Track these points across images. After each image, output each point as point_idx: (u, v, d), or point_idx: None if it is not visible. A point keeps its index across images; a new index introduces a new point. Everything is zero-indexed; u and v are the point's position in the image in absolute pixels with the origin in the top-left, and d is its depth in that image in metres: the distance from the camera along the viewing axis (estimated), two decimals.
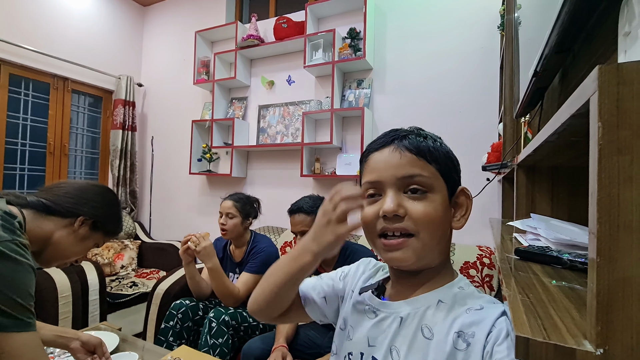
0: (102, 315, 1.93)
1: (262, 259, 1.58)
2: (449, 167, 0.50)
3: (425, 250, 0.48)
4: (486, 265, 1.66)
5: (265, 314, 0.60)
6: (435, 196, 0.48)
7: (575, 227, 0.65)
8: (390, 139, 0.51)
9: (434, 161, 0.49)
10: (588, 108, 0.26)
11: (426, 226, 0.47)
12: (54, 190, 0.86)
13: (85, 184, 0.91)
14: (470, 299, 0.49)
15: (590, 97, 0.25)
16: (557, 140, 0.45)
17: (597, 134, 0.23)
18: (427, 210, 0.47)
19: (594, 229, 0.24)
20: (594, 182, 0.24)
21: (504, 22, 1.62)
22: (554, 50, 0.67)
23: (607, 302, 0.23)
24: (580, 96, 0.27)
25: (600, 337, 0.23)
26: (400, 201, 0.48)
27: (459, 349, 0.44)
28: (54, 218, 0.82)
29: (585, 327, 0.26)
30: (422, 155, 0.49)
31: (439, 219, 0.48)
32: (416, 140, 0.50)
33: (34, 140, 2.62)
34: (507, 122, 1.36)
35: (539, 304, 0.33)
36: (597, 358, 0.23)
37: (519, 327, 0.26)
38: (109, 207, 0.92)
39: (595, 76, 0.24)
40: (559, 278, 0.43)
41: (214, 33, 2.78)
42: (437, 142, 0.51)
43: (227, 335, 1.38)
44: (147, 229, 3.08)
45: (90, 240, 0.89)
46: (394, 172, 0.48)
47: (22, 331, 0.64)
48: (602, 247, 0.23)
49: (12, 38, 2.38)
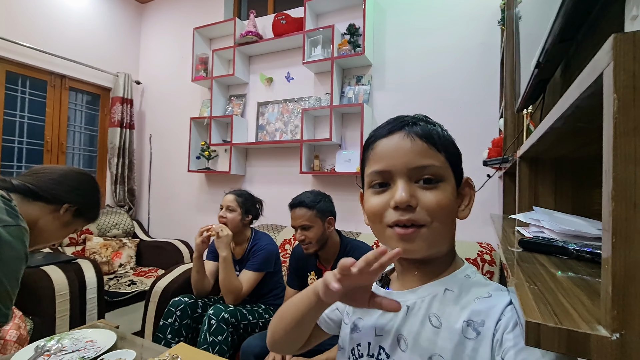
0: (100, 313, 1.91)
1: (263, 256, 1.57)
2: (456, 156, 0.50)
3: (436, 240, 0.47)
4: (487, 262, 1.65)
5: (285, 351, 0.61)
6: (447, 185, 0.47)
7: (580, 220, 0.64)
8: (400, 124, 0.49)
9: (444, 150, 0.48)
10: (601, 84, 0.25)
11: (439, 216, 0.46)
12: (38, 176, 0.86)
13: (69, 170, 0.91)
14: (477, 287, 0.48)
15: (604, 70, 0.23)
16: (563, 126, 0.44)
17: (612, 107, 0.22)
18: (440, 200, 0.46)
19: (608, 208, 0.23)
20: (609, 159, 0.23)
21: (504, 17, 1.61)
22: (557, 40, 0.65)
23: (623, 285, 0.22)
24: (592, 71, 0.26)
25: (616, 322, 0.22)
26: (413, 191, 0.46)
27: (469, 337, 0.43)
28: (40, 204, 0.83)
29: (598, 314, 0.25)
30: (433, 143, 0.47)
31: (450, 208, 0.47)
32: (428, 128, 0.48)
33: (31, 138, 2.60)
34: (508, 117, 1.34)
35: (548, 292, 0.31)
36: (613, 343, 0.22)
37: (529, 313, 0.25)
38: (91, 195, 0.93)
39: (610, 46, 0.23)
40: (566, 268, 0.42)
41: (212, 30, 2.76)
42: (444, 130, 0.51)
43: (226, 333, 1.36)
44: (146, 227, 3.06)
45: (72, 226, 0.90)
46: (406, 161, 0.46)
47: None
48: (618, 227, 0.22)
49: (9, 35, 2.36)
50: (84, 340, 1.17)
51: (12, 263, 0.64)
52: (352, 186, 2.25)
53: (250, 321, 1.48)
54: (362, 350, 0.53)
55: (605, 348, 0.22)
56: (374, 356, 0.51)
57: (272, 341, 0.59)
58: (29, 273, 1.67)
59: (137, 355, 1.08)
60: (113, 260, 2.48)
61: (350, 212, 2.17)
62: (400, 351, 0.48)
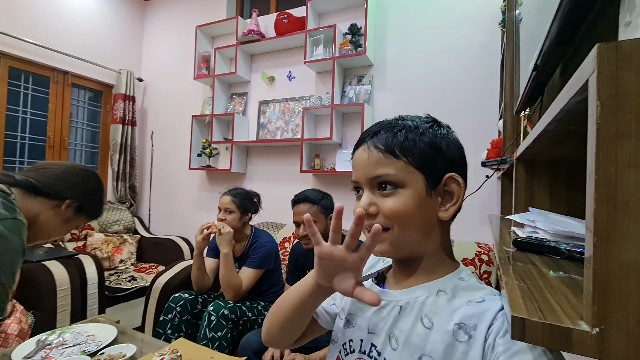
0: (101, 309, 1.93)
1: (263, 254, 1.59)
2: (427, 157, 0.49)
3: (401, 242, 0.49)
4: (484, 262, 1.66)
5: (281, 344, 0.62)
6: (407, 191, 0.48)
7: (574, 220, 0.65)
8: (365, 136, 0.52)
9: (406, 155, 0.48)
10: (587, 90, 0.26)
11: (396, 220, 0.48)
12: (41, 171, 0.86)
13: (72, 167, 0.91)
14: (471, 290, 0.48)
15: (589, 77, 0.25)
16: (556, 129, 0.45)
17: (595, 112, 0.23)
18: (394, 206, 0.48)
19: (591, 209, 0.24)
20: (592, 162, 0.24)
21: (505, 19, 1.61)
22: (554, 43, 0.66)
23: (603, 282, 0.23)
24: (579, 78, 0.27)
25: (596, 317, 0.23)
26: (373, 200, 0.50)
27: (460, 340, 0.44)
28: (41, 199, 0.83)
29: (581, 310, 0.26)
30: (389, 151, 0.49)
31: (408, 212, 0.48)
32: (386, 136, 0.50)
33: (34, 134, 2.62)
34: (507, 119, 1.35)
35: (536, 290, 0.33)
36: (593, 337, 0.23)
37: (515, 309, 0.26)
38: (94, 192, 0.93)
39: (594, 55, 0.24)
40: (557, 268, 0.43)
41: (215, 28, 2.77)
42: (418, 130, 0.50)
43: (226, 329, 1.38)
44: (147, 223, 3.08)
45: (73, 223, 0.90)
46: (365, 172, 0.50)
47: None
48: (600, 227, 0.23)
49: (13, 31, 2.37)
50: (85, 335, 1.18)
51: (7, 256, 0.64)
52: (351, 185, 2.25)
53: (249, 318, 1.49)
54: (354, 346, 0.54)
55: (585, 342, 0.23)
56: (365, 353, 0.52)
57: (268, 333, 0.60)
58: (30, 268, 1.69)
59: (138, 350, 1.09)
60: (114, 256, 2.50)
61: (350, 211, 2.18)
62: (391, 349, 0.49)
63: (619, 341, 0.23)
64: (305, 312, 0.56)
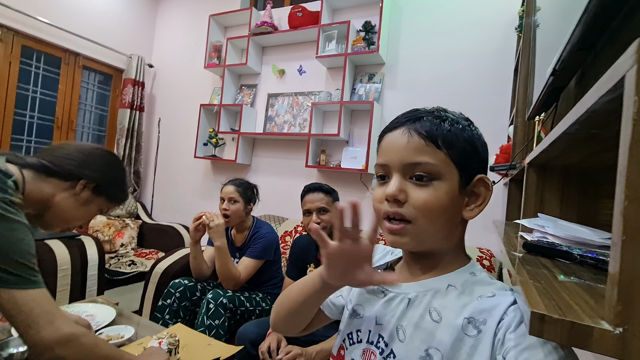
0: (100, 290, 1.94)
1: (264, 244, 1.59)
2: (466, 154, 0.48)
3: (424, 237, 0.48)
4: (486, 268, 1.65)
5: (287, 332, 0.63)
6: (442, 184, 0.46)
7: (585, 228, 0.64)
8: (404, 119, 0.50)
9: (447, 147, 0.47)
10: (621, 87, 0.26)
11: (425, 214, 0.46)
12: (55, 152, 0.84)
13: (88, 147, 0.89)
14: (481, 285, 0.48)
15: (626, 73, 0.24)
16: (576, 132, 0.44)
17: (632, 108, 0.23)
18: (428, 199, 0.46)
19: (620, 207, 0.23)
20: (624, 160, 0.24)
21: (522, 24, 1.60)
22: (575, 47, 0.65)
23: (629, 281, 0.22)
24: (613, 75, 0.27)
25: (619, 317, 0.23)
26: (404, 186, 0.47)
27: (469, 335, 0.44)
28: (54, 180, 0.80)
29: (601, 312, 0.26)
30: (432, 140, 0.47)
31: (440, 208, 0.46)
32: (430, 123, 0.48)
33: (43, 113, 2.63)
34: (519, 124, 1.34)
35: (552, 290, 0.32)
36: (614, 337, 0.23)
37: (534, 304, 0.26)
38: (111, 171, 0.89)
39: (634, 50, 0.23)
40: (569, 272, 0.43)
41: (228, 18, 2.76)
42: (459, 125, 0.49)
43: (223, 317, 1.38)
44: (149, 209, 3.09)
45: (93, 205, 0.87)
46: (400, 157, 0.47)
47: (27, 288, 0.64)
48: (629, 225, 0.23)
49: (27, 9, 2.38)
50: (84, 314, 1.19)
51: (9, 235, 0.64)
52: (356, 183, 2.25)
53: (247, 308, 1.50)
54: (361, 337, 0.54)
55: (606, 341, 0.23)
56: (373, 343, 0.52)
57: (275, 322, 0.61)
58: None
59: (135, 332, 1.10)
60: (115, 240, 2.52)
61: None
62: (399, 341, 0.49)
63: None
64: (310, 308, 0.57)
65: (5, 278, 0.62)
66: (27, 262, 0.65)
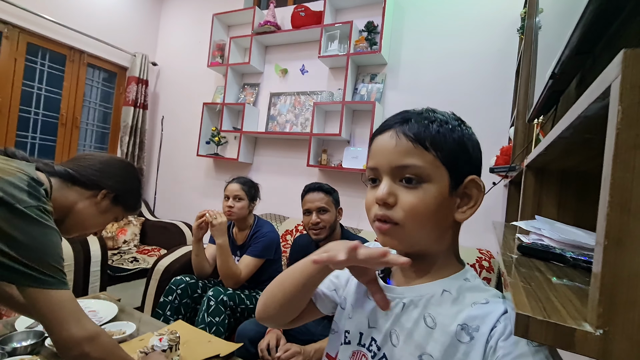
0: (102, 286, 1.97)
1: (264, 243, 1.60)
2: (456, 155, 0.47)
3: (413, 239, 0.48)
4: (485, 268, 1.66)
5: (277, 322, 0.60)
6: (431, 187, 0.46)
7: (581, 231, 0.65)
8: (393, 122, 0.49)
9: (436, 148, 0.46)
10: (609, 96, 0.26)
11: (412, 217, 0.46)
12: (79, 162, 0.88)
13: (110, 158, 0.93)
14: (475, 291, 0.48)
15: (612, 83, 0.25)
16: (571, 137, 0.45)
17: (616, 118, 0.23)
18: (415, 202, 0.45)
19: (604, 213, 0.24)
20: (608, 167, 0.24)
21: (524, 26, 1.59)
22: (574, 52, 0.66)
23: (611, 285, 0.23)
24: (601, 83, 0.27)
25: (601, 319, 0.23)
26: (393, 190, 0.47)
27: (462, 341, 0.44)
28: (78, 189, 0.85)
29: (585, 314, 0.26)
30: (420, 142, 0.46)
31: (428, 211, 0.46)
32: (418, 125, 0.47)
33: (47, 110, 2.65)
34: (519, 126, 1.34)
35: (541, 292, 0.33)
36: (596, 338, 0.23)
37: (520, 307, 0.27)
38: (131, 183, 0.94)
39: (620, 60, 0.24)
40: (562, 275, 0.44)
41: (231, 17, 2.77)
42: (448, 125, 0.48)
43: (224, 315, 1.40)
44: (152, 207, 3.11)
45: (110, 214, 0.91)
46: (389, 160, 0.47)
47: (59, 289, 0.68)
48: (611, 230, 0.23)
49: (33, 7, 2.40)
50: (87, 310, 1.20)
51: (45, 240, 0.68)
52: (357, 183, 2.26)
53: (247, 306, 1.51)
54: (349, 338, 0.54)
55: (588, 342, 0.24)
56: (364, 346, 0.52)
57: (265, 309, 0.57)
58: None
59: (137, 329, 1.11)
60: (118, 237, 2.54)
61: (354, 208, 2.19)
62: (391, 345, 0.49)
63: (622, 344, 0.23)
64: (307, 290, 0.54)
65: (42, 279, 0.66)
66: (59, 264, 0.69)
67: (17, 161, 0.75)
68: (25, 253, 0.65)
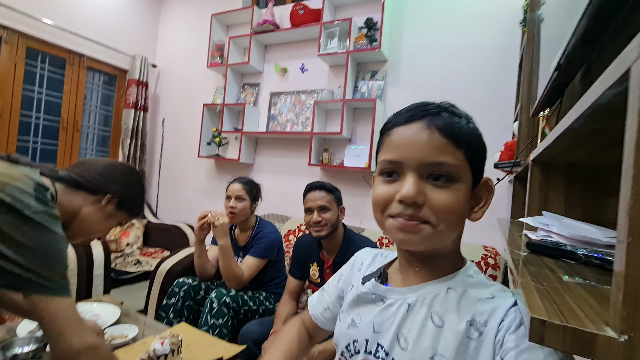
0: (106, 289, 1.96)
1: (266, 244, 1.58)
2: (479, 154, 0.46)
3: (438, 240, 0.45)
4: (490, 266, 1.63)
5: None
6: (460, 186, 0.44)
7: (591, 227, 0.62)
8: (422, 113, 0.45)
9: (465, 146, 0.44)
10: (627, 79, 0.24)
11: (445, 218, 0.43)
12: (83, 167, 0.88)
13: (114, 163, 0.93)
14: (480, 287, 0.47)
15: (632, 64, 0.23)
16: (581, 128, 0.43)
17: (638, 102, 0.21)
18: (449, 202, 0.42)
19: (625, 207, 0.22)
20: (630, 157, 0.22)
21: (526, 18, 1.57)
22: (580, 41, 0.64)
23: (636, 285, 0.21)
24: (618, 67, 0.25)
25: (625, 323, 0.21)
26: (422, 188, 0.43)
27: (472, 337, 0.43)
28: (83, 194, 0.85)
29: (606, 316, 0.25)
30: (454, 138, 0.43)
31: (460, 210, 0.44)
32: (451, 120, 0.44)
33: (48, 114, 2.65)
34: (523, 121, 1.32)
35: (554, 292, 0.31)
36: (620, 345, 0.21)
37: (534, 310, 0.25)
38: (134, 187, 0.94)
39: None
40: (574, 273, 0.42)
41: (230, 17, 2.76)
42: (471, 123, 0.46)
43: (227, 317, 1.38)
44: (154, 209, 3.11)
45: (114, 219, 0.91)
46: (420, 155, 0.43)
47: (62, 296, 0.67)
48: (634, 226, 0.21)
49: (32, 11, 2.39)
50: (89, 314, 1.20)
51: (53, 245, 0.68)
52: (359, 181, 2.24)
53: (250, 307, 1.50)
54: (358, 347, 0.51)
55: (612, 349, 0.22)
56: (371, 353, 0.49)
57: None
58: None
59: (140, 332, 1.10)
60: (121, 240, 2.53)
61: (357, 208, 2.17)
62: (400, 349, 0.47)
63: None
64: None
65: (46, 286, 0.65)
66: (64, 271, 0.69)
67: (21, 167, 0.74)
68: (32, 259, 0.64)
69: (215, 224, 1.46)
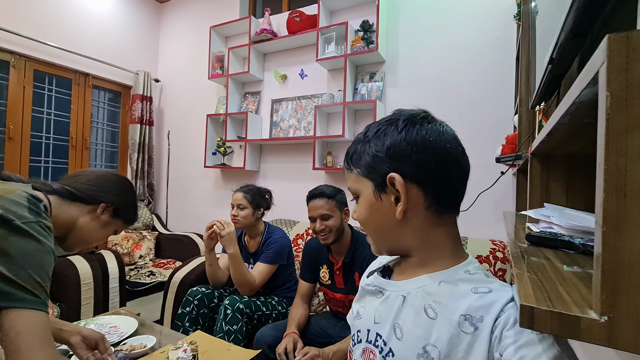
0: (122, 302, 2.00)
1: (276, 249, 1.61)
2: (373, 164, 0.50)
3: (375, 241, 0.55)
4: (499, 260, 1.64)
5: None
6: (361, 199, 0.53)
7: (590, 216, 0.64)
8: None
9: (356, 167, 0.53)
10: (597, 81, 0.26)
11: (361, 225, 0.55)
12: (77, 179, 0.90)
13: (105, 173, 0.96)
14: (476, 282, 0.48)
15: (599, 68, 0.25)
16: (571, 123, 0.45)
17: (605, 103, 0.24)
18: (354, 214, 0.56)
19: (600, 199, 0.24)
20: (602, 153, 0.24)
21: (520, 12, 1.57)
22: (570, 35, 0.65)
23: (612, 271, 0.23)
24: (590, 69, 0.27)
25: (605, 305, 0.23)
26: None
27: (466, 332, 0.44)
28: (78, 204, 0.87)
29: (591, 300, 0.26)
30: (347, 167, 0.55)
31: (363, 218, 0.53)
32: (346, 152, 0.56)
33: (57, 134, 2.72)
34: (523, 114, 1.33)
35: (548, 281, 0.33)
36: (601, 325, 0.23)
37: (525, 298, 0.27)
38: (128, 196, 0.97)
39: (605, 46, 0.24)
40: (572, 263, 0.43)
41: (228, 28, 2.81)
42: (364, 141, 0.52)
43: (241, 323, 1.41)
44: (164, 220, 3.16)
45: (111, 227, 0.94)
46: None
47: (38, 310, 0.64)
48: (609, 217, 0.23)
49: (37, 35, 2.47)
50: (108, 326, 1.23)
51: (37, 256, 0.66)
52: None
53: (264, 312, 1.52)
54: (361, 336, 0.55)
55: (594, 330, 0.24)
56: (371, 342, 0.53)
57: None
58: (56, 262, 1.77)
59: (157, 341, 1.13)
60: (134, 252, 2.58)
61: None
62: (396, 339, 0.49)
63: (628, 329, 0.23)
64: None
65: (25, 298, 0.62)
66: (45, 283, 0.67)
67: (13, 183, 0.75)
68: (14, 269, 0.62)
69: (221, 233, 1.49)
